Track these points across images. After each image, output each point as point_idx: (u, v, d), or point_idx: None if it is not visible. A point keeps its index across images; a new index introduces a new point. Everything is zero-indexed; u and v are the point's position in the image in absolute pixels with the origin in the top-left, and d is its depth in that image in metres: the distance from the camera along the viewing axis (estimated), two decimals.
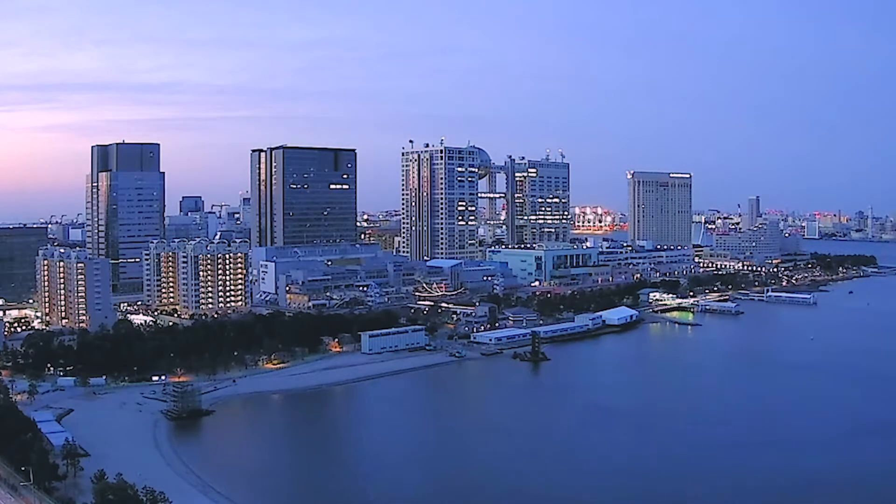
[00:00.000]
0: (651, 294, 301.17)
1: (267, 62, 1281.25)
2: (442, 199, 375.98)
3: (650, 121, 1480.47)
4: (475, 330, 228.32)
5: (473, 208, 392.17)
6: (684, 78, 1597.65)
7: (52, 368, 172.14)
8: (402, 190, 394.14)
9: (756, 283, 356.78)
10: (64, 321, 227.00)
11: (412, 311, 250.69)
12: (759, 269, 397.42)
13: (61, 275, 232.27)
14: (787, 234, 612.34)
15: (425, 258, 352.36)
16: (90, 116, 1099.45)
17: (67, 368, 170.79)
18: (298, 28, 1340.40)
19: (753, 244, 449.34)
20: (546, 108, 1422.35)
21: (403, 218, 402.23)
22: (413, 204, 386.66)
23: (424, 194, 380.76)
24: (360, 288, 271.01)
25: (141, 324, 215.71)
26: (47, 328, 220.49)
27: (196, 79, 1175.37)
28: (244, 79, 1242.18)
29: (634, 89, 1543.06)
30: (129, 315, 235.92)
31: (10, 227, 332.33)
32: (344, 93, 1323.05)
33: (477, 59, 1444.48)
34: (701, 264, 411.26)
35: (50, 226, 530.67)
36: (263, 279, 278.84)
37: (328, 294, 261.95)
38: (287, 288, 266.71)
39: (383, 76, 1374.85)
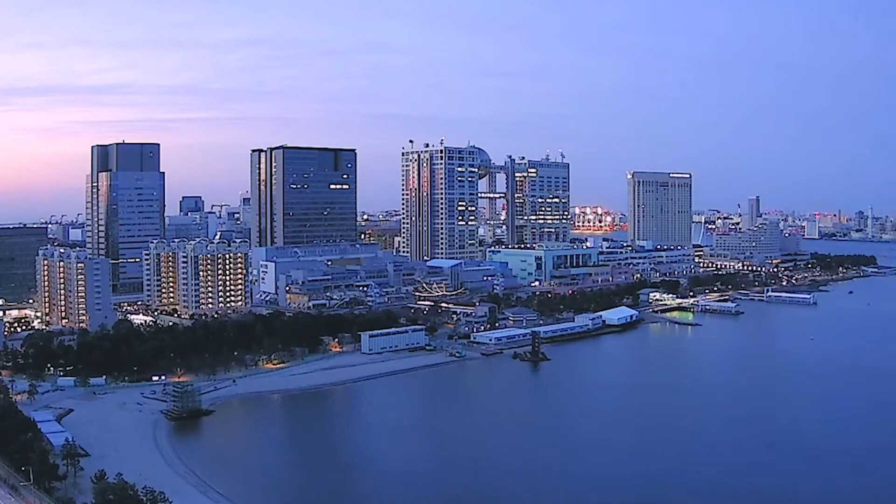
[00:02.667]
0: (651, 294, 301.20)
1: (204, 62, 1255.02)
2: (442, 199, 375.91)
3: (650, 121, 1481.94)
4: (475, 330, 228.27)
5: (473, 208, 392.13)
6: (684, 78, 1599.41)
7: (52, 368, 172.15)
8: (402, 190, 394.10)
9: (756, 283, 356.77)
10: (64, 321, 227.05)
11: (412, 311, 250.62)
12: (759, 269, 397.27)
13: (61, 275, 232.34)
14: (787, 234, 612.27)
15: (425, 258, 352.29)
16: (48, 119, 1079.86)
17: (67, 368, 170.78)
18: (219, 29, 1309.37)
19: (753, 244, 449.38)
20: (545, 109, 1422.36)
21: (403, 218, 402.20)
22: (413, 204, 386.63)
23: (424, 194, 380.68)
24: (360, 288, 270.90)
25: (141, 324, 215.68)
26: (47, 328, 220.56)
27: (143, 80, 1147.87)
28: (190, 79, 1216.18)
29: (634, 89, 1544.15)
30: (129, 315, 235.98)
31: (10, 227, 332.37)
32: (299, 92, 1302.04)
33: (415, 56, 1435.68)
34: (701, 264, 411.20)
35: (50, 226, 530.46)
36: (263, 279, 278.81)
37: (328, 294, 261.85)
38: (287, 288, 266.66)
39: (329, 75, 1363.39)
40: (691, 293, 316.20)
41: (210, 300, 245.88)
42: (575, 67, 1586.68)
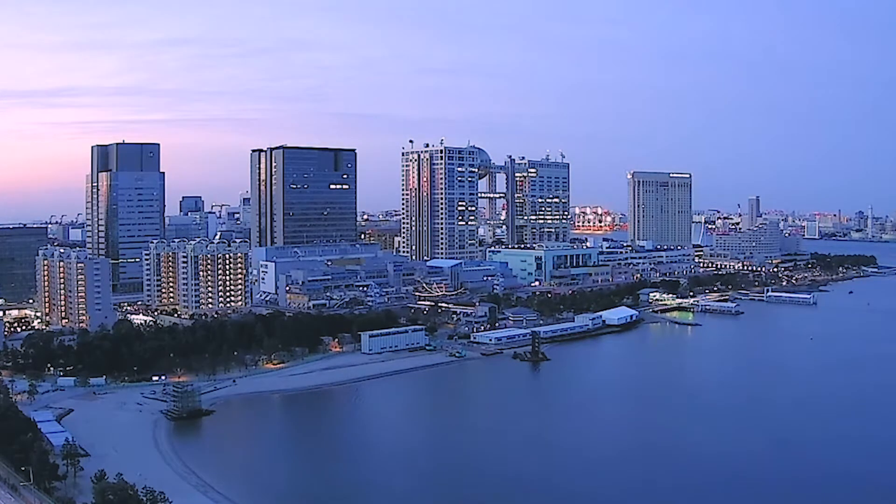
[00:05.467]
0: (651, 294, 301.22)
1: (140, 64, 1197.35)
2: (442, 199, 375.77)
3: (650, 121, 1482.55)
4: (475, 330, 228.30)
5: (473, 208, 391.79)
6: (684, 78, 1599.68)
7: (52, 368, 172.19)
8: (402, 190, 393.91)
9: (756, 283, 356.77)
10: (64, 321, 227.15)
11: (412, 311, 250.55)
12: (759, 269, 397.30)
13: (61, 275, 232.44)
14: (787, 234, 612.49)
15: (425, 258, 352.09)
16: (8, 122, 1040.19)
17: (67, 368, 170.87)
18: (137, 30, 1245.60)
19: (753, 244, 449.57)
20: (543, 110, 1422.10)
21: (403, 218, 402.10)
22: (413, 204, 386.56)
23: (424, 194, 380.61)
24: (360, 288, 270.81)
25: (141, 324, 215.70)
26: (47, 328, 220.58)
27: (87, 83, 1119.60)
28: (133, 81, 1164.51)
29: (634, 90, 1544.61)
30: (129, 315, 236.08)
31: (10, 227, 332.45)
32: (247, 92, 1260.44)
33: (350, 54, 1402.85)
34: (701, 264, 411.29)
35: (50, 226, 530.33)
36: (263, 279, 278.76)
37: (328, 294, 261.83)
38: (287, 288, 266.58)
39: (274, 75, 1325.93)
40: (691, 293, 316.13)
41: (210, 300, 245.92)
42: (575, 70, 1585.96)
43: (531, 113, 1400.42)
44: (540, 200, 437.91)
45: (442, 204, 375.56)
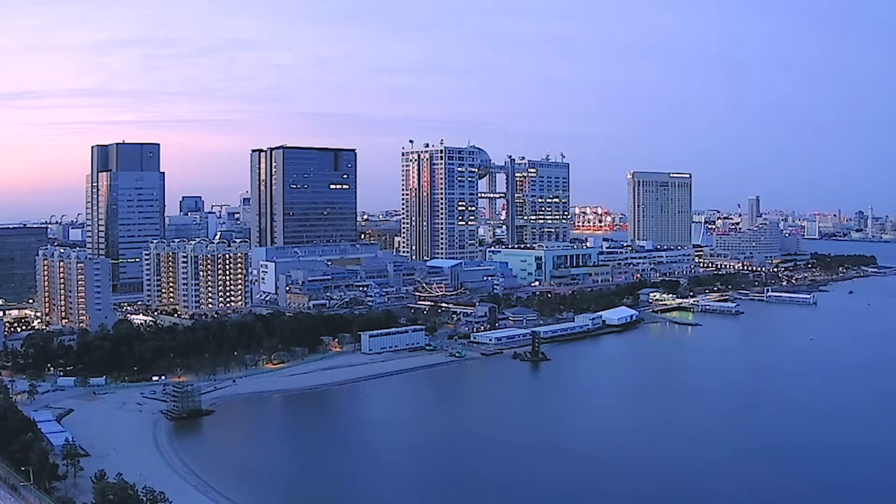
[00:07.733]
0: (651, 294, 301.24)
1: (94, 66, 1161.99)
2: (442, 199, 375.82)
3: (650, 121, 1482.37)
4: (475, 330, 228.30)
5: (473, 208, 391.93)
6: (685, 78, 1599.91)
7: (52, 368, 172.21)
8: (402, 190, 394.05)
9: (756, 283, 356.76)
10: (64, 321, 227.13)
11: (412, 311, 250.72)
12: (759, 269, 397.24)
13: (61, 275, 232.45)
14: (787, 234, 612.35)
15: (425, 258, 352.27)
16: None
17: (67, 368, 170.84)
18: (76, 32, 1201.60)
19: (753, 244, 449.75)
20: (547, 109, 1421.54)
21: (403, 218, 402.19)
22: (413, 204, 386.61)
23: (424, 194, 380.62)
24: (360, 288, 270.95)
25: (141, 324, 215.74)
26: (47, 328, 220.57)
27: (51, 84, 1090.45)
28: (94, 82, 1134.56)
29: (634, 89, 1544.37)
30: (129, 315, 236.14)
31: (10, 227, 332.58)
32: (208, 92, 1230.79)
33: (301, 53, 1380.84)
34: (701, 264, 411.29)
35: (50, 226, 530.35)
36: (263, 279, 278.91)
37: (328, 294, 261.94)
38: (287, 288, 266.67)
39: (230, 75, 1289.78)
40: (691, 293, 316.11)
41: (210, 300, 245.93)
42: (576, 70, 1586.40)
43: (528, 112, 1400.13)
44: (540, 200, 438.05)
45: (442, 204, 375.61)
